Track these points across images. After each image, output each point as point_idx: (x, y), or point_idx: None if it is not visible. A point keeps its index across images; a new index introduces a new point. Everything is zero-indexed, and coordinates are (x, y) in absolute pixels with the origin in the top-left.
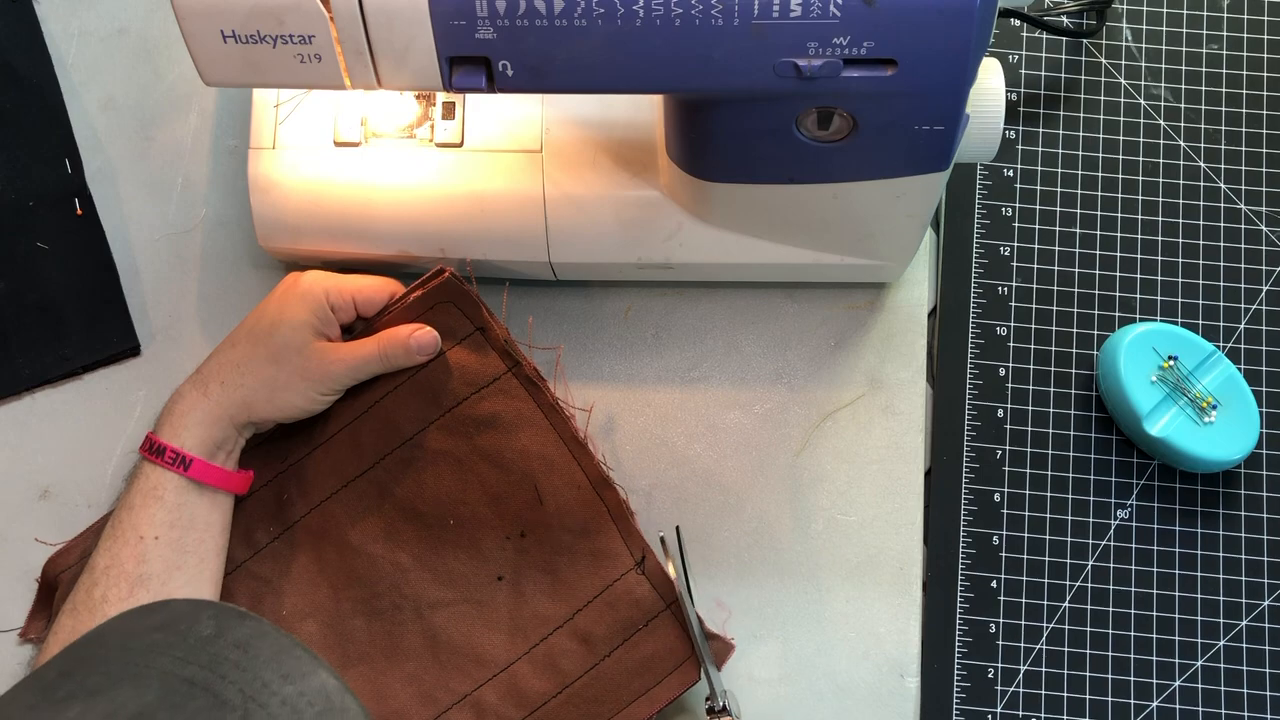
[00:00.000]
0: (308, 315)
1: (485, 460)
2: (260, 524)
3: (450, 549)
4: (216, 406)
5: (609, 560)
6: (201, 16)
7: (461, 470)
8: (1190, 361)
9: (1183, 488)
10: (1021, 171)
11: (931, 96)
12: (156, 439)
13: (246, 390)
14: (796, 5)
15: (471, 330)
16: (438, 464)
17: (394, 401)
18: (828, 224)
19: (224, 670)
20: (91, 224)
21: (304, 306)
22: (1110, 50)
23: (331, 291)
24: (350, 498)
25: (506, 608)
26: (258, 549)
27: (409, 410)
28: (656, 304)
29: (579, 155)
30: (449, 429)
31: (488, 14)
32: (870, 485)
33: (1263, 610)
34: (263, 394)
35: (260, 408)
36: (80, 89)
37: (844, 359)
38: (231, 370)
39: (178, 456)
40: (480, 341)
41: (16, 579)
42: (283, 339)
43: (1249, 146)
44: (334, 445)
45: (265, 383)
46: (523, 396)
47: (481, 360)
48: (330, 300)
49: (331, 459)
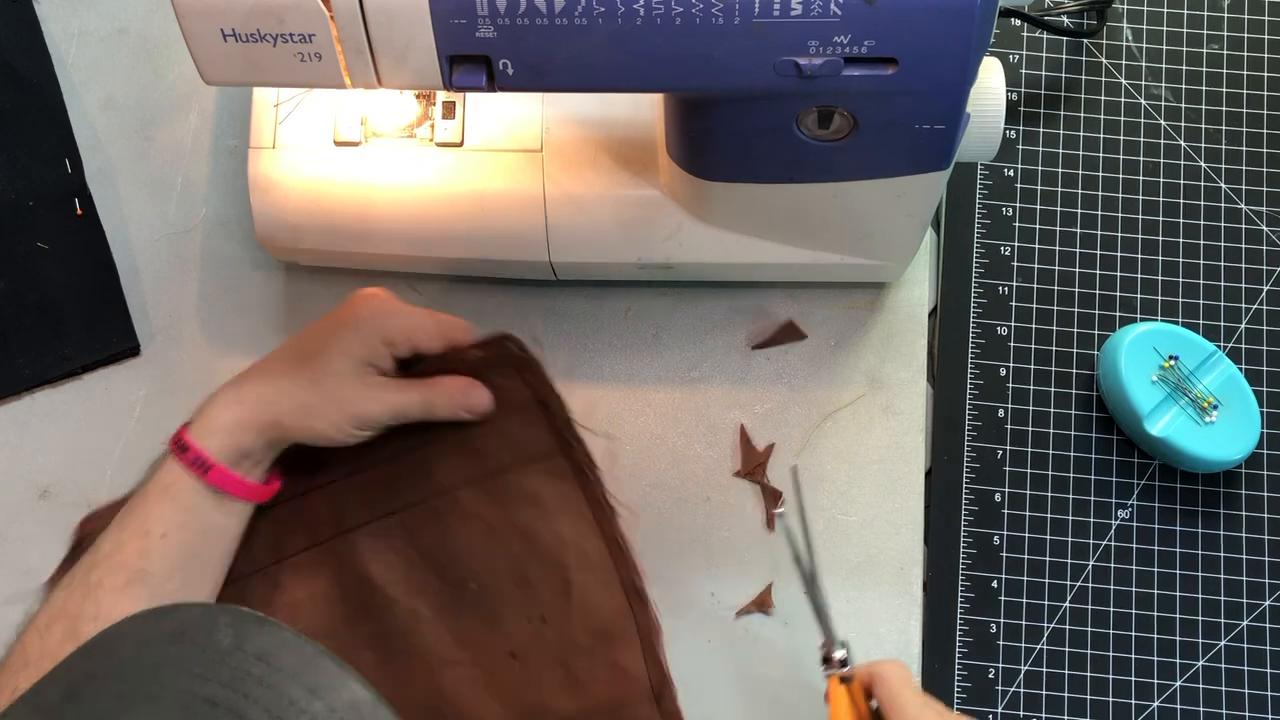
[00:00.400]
0: (358, 345)
1: (519, 536)
2: (290, 533)
3: (469, 612)
4: (249, 417)
5: (626, 678)
6: (201, 15)
7: (492, 538)
8: (1191, 361)
9: (1183, 488)
10: (1022, 171)
11: (932, 96)
12: (185, 436)
13: (281, 408)
14: (797, 4)
15: (531, 401)
16: (468, 525)
17: (436, 452)
18: (828, 223)
19: (247, 687)
20: (91, 224)
21: (357, 335)
22: (1110, 50)
23: (390, 325)
24: (377, 532)
25: (514, 686)
26: (283, 557)
27: (450, 464)
28: (656, 304)
29: (579, 155)
30: (487, 494)
31: (488, 13)
32: (870, 485)
33: (1264, 610)
34: (296, 416)
35: (291, 429)
36: (80, 89)
37: (844, 359)
38: (271, 384)
39: (199, 459)
40: (538, 416)
41: (16, 579)
42: (326, 364)
43: (1249, 146)
44: (370, 477)
45: (300, 406)
46: (571, 483)
47: (535, 435)
48: (387, 333)
49: (366, 489)
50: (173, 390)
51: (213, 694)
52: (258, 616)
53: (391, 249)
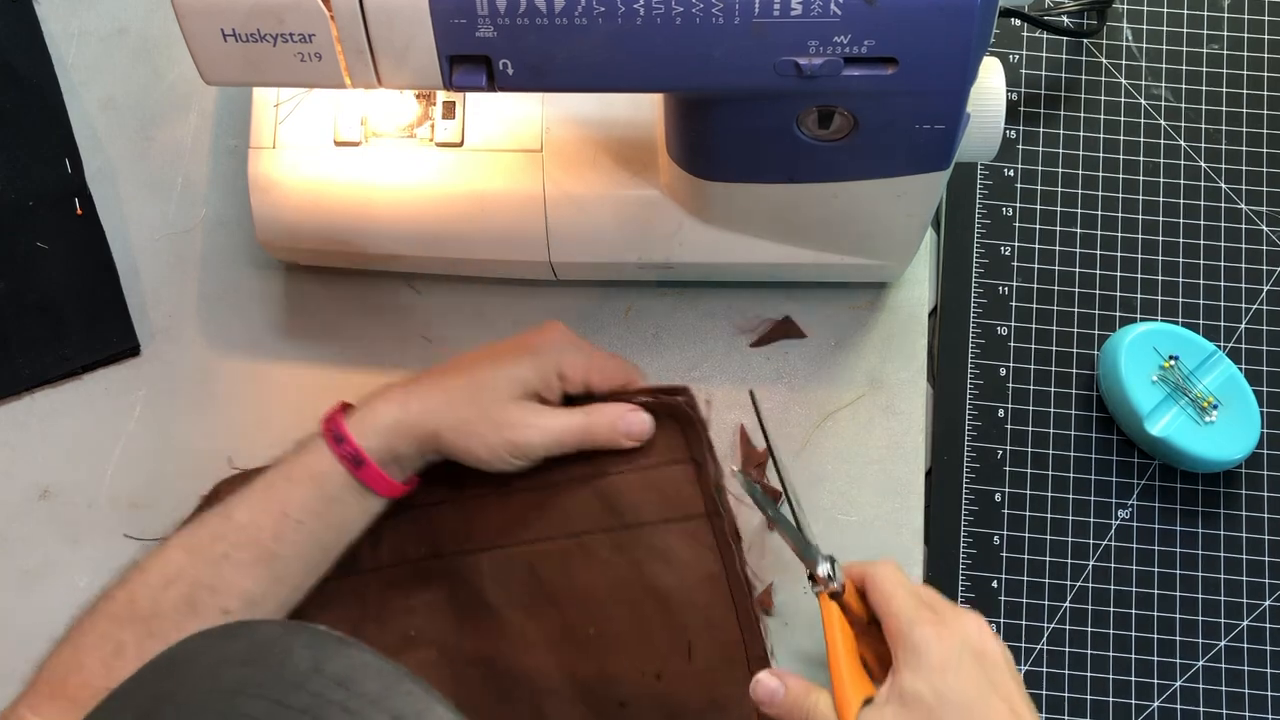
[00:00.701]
0: (532, 372)
1: (647, 592)
2: (415, 539)
3: (583, 652)
4: (411, 423)
5: None
6: (201, 15)
7: (618, 589)
8: (1191, 361)
9: (1183, 488)
10: (1022, 171)
11: (932, 95)
12: (342, 426)
13: (442, 421)
14: (797, 4)
15: (685, 459)
16: (594, 571)
17: (574, 494)
18: (828, 223)
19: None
20: (91, 224)
21: (531, 362)
22: (1110, 50)
23: (569, 358)
24: (500, 559)
25: None
26: (404, 560)
27: (585, 509)
28: (656, 304)
29: (579, 155)
30: (619, 545)
31: (488, 12)
32: (871, 485)
33: (1264, 610)
34: (455, 433)
35: (447, 444)
36: (80, 89)
37: (844, 359)
38: (439, 396)
39: (354, 454)
40: (690, 474)
41: (16, 579)
42: (494, 385)
43: (1249, 146)
44: (503, 504)
45: (460, 421)
46: (711, 550)
47: (682, 493)
48: (564, 366)
49: (496, 515)
50: (173, 390)
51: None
52: (337, 636)
53: (391, 249)
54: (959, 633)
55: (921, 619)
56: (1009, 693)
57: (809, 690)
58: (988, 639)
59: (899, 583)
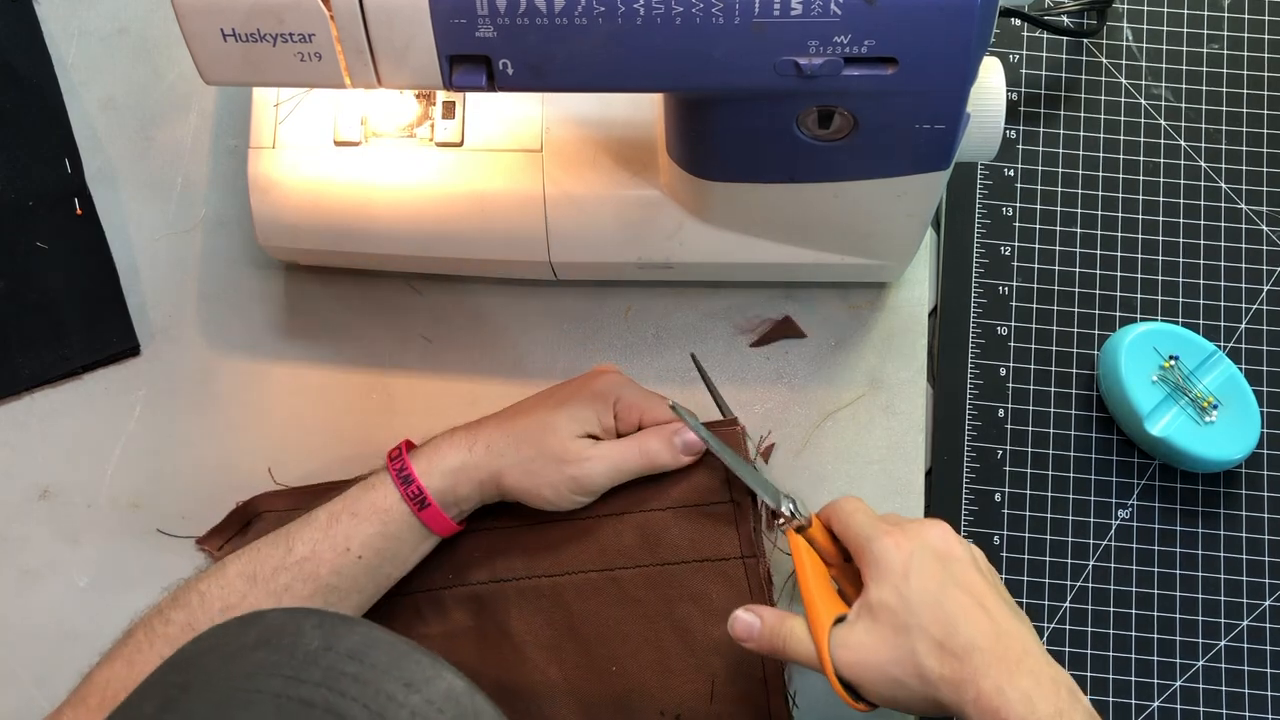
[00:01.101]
0: (588, 411)
1: (674, 630)
2: (442, 567)
3: (603, 691)
4: (476, 465)
5: None
6: (201, 15)
7: (646, 626)
8: (1191, 361)
9: (1183, 488)
10: (1022, 171)
11: (932, 95)
12: (410, 466)
13: (506, 462)
14: (797, 4)
15: (726, 500)
16: (625, 607)
17: (612, 526)
18: (828, 223)
19: (343, 686)
20: (91, 224)
21: (590, 403)
22: (1111, 50)
23: (626, 395)
24: (528, 590)
25: None
26: (430, 588)
27: (622, 544)
28: (656, 304)
29: (579, 155)
30: (653, 581)
31: (488, 12)
32: (871, 485)
33: (1264, 610)
34: (518, 474)
35: (511, 487)
36: (80, 89)
37: (844, 359)
38: (502, 438)
39: (419, 494)
40: (729, 516)
41: (16, 579)
42: (552, 424)
43: (1249, 146)
44: (529, 535)
45: (523, 461)
46: (743, 592)
47: (718, 534)
48: (619, 408)
49: (528, 545)
50: (173, 390)
51: (309, 695)
52: (343, 616)
53: (391, 249)
54: (917, 538)
55: (880, 532)
56: (973, 586)
57: (784, 618)
58: (951, 541)
59: (857, 508)
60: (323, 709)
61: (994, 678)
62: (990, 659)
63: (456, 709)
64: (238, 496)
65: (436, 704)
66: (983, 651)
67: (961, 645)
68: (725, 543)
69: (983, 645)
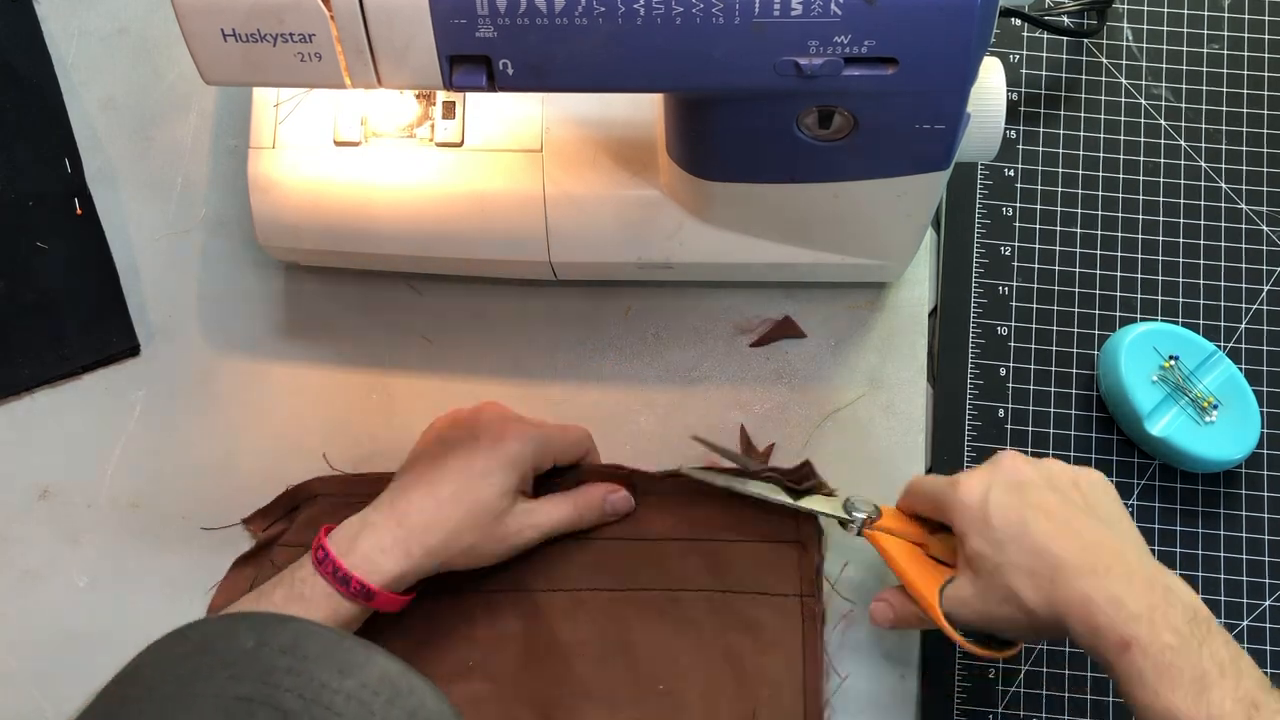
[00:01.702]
0: (515, 482)
1: (724, 655)
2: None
3: (644, 708)
4: (415, 567)
5: None
6: (202, 15)
7: (699, 649)
8: (1191, 361)
9: (1183, 488)
10: (1022, 171)
11: (932, 95)
12: (342, 566)
13: (451, 554)
14: (797, 4)
15: (793, 540)
16: (682, 629)
17: (674, 550)
18: (828, 223)
19: (277, 679)
20: (91, 224)
21: (512, 474)
22: (1111, 50)
23: (539, 453)
24: (584, 601)
25: None
26: (481, 589)
27: (688, 567)
28: (656, 304)
29: (579, 155)
30: (714, 607)
31: (488, 12)
32: (871, 485)
33: (1264, 610)
34: (462, 557)
35: (458, 564)
36: (80, 89)
37: (844, 359)
38: (436, 535)
39: (364, 590)
40: (791, 555)
41: (16, 579)
42: (487, 506)
43: (1249, 146)
44: (582, 548)
45: (467, 549)
46: (795, 627)
47: (780, 569)
48: (536, 462)
49: (589, 557)
50: (173, 390)
51: (246, 692)
52: (277, 616)
53: (391, 249)
54: (987, 477)
55: (952, 483)
56: (1051, 507)
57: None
58: (1021, 467)
59: (923, 477)
60: (260, 703)
61: (1080, 588)
62: (1078, 573)
63: (391, 689)
64: (238, 496)
65: (371, 686)
66: (1071, 568)
67: (1049, 567)
68: (786, 579)
69: (1070, 561)
